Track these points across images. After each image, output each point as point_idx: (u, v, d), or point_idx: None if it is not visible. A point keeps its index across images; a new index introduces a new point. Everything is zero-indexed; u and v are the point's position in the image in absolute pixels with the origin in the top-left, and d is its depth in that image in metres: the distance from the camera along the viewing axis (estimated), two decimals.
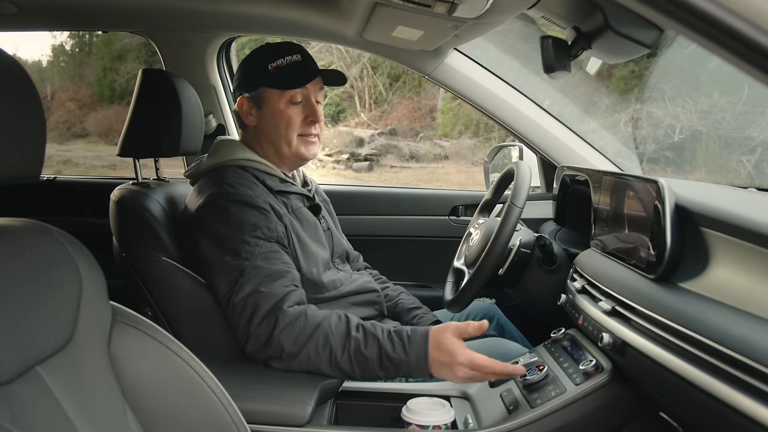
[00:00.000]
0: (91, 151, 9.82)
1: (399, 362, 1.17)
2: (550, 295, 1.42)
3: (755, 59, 0.50)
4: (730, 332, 0.75)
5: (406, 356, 1.16)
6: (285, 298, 1.22)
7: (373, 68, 10.38)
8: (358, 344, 1.17)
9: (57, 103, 10.78)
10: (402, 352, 1.17)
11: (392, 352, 1.17)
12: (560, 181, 1.77)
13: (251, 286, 1.22)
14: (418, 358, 1.16)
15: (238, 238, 1.27)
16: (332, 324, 1.20)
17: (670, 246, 0.96)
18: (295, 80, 1.40)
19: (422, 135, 10.12)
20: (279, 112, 1.41)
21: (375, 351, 1.17)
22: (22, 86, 0.67)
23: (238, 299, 1.23)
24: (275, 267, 1.26)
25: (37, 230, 0.73)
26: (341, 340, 1.18)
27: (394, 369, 1.17)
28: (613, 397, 1.12)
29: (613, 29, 1.19)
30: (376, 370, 1.18)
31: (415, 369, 1.17)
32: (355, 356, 1.17)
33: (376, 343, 1.18)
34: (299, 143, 1.44)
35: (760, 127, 3.41)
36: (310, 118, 1.43)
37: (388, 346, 1.17)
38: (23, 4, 1.78)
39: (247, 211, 1.30)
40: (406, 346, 1.17)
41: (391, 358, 1.17)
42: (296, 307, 1.22)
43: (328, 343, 1.18)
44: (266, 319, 1.20)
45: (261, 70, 1.41)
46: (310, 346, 1.18)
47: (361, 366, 1.18)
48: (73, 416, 0.67)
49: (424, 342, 1.17)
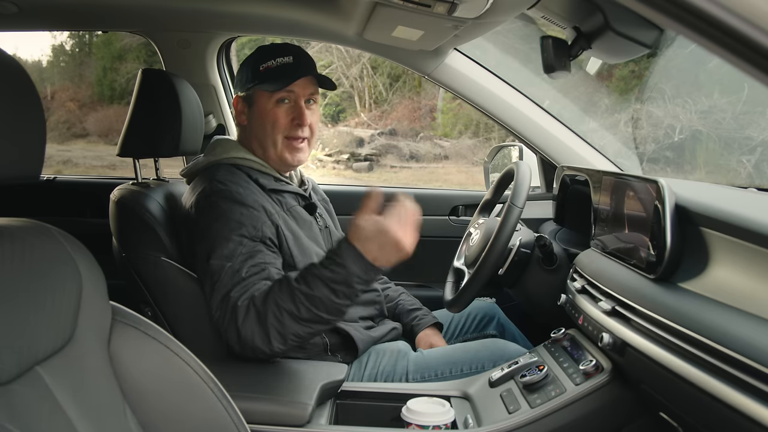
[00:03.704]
0: (91, 151, 9.83)
1: (344, 278, 1.15)
2: (550, 295, 1.42)
3: (755, 59, 0.50)
4: (730, 332, 0.75)
5: (345, 268, 1.15)
6: (242, 296, 1.22)
7: (373, 68, 10.39)
8: (305, 291, 1.17)
9: (57, 103, 10.79)
10: (339, 268, 1.16)
11: (333, 275, 1.16)
12: (560, 181, 1.77)
13: (225, 290, 1.23)
14: (354, 259, 1.15)
15: (223, 235, 1.27)
16: (275, 290, 1.20)
17: (670, 246, 0.96)
18: (280, 81, 1.40)
19: (422, 135, 10.12)
20: (266, 112, 1.42)
21: (320, 285, 1.16)
22: (22, 86, 0.67)
23: (215, 306, 1.24)
24: (253, 269, 1.25)
25: (37, 230, 0.73)
26: (290, 298, 1.18)
27: (347, 287, 1.16)
28: (613, 397, 1.12)
29: (613, 29, 1.19)
30: (336, 300, 1.16)
31: (362, 271, 1.15)
32: (309, 302, 1.17)
33: (316, 278, 1.17)
34: (284, 147, 1.44)
35: (760, 127, 3.41)
36: (296, 120, 1.43)
37: (327, 273, 1.16)
38: (23, 4, 1.78)
39: (236, 208, 1.30)
40: (338, 260, 1.16)
41: (335, 280, 1.16)
42: (247, 298, 1.22)
43: (281, 307, 1.18)
44: (231, 320, 1.21)
45: (253, 70, 1.43)
46: (271, 321, 1.18)
47: (321, 306, 1.16)
48: (73, 416, 0.67)
49: (347, 243, 1.16)
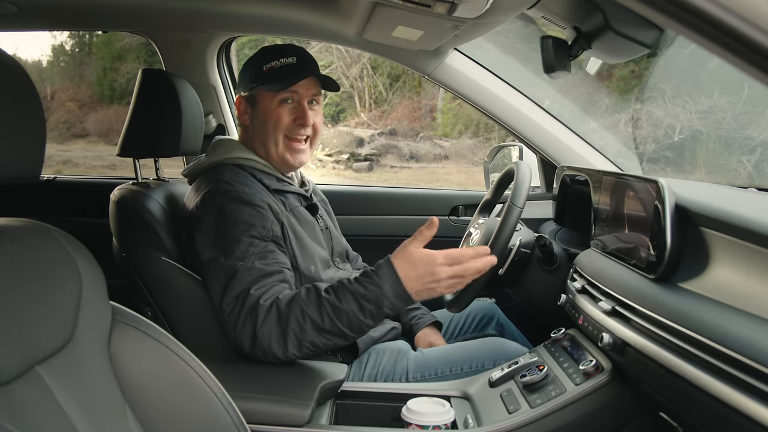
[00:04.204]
0: (91, 151, 9.83)
1: (376, 298, 1.14)
2: (550, 295, 1.42)
3: (755, 59, 0.50)
4: (730, 332, 0.75)
5: (380, 288, 1.14)
6: (264, 294, 1.21)
7: (373, 68, 10.39)
8: (333, 302, 1.16)
9: (57, 103, 10.78)
10: (374, 287, 1.14)
11: (365, 291, 1.14)
12: (560, 181, 1.77)
13: (241, 287, 1.22)
14: (391, 284, 1.14)
15: (233, 237, 1.26)
16: (302, 296, 1.19)
17: (670, 246, 0.96)
18: (283, 81, 1.41)
19: (422, 135, 10.12)
20: (269, 112, 1.43)
21: (350, 299, 1.15)
22: (22, 86, 0.67)
23: (227, 302, 1.22)
24: (268, 268, 1.25)
25: (37, 230, 0.73)
26: (316, 306, 1.16)
27: (376, 308, 1.14)
28: (613, 397, 1.12)
29: (613, 29, 1.19)
30: (361, 317, 1.15)
31: (395, 297, 1.14)
32: (335, 314, 1.15)
33: (348, 292, 1.16)
34: (285, 148, 1.44)
35: (760, 127, 3.41)
36: (298, 120, 1.43)
37: (360, 289, 1.15)
38: (23, 4, 1.78)
39: (243, 208, 1.30)
40: (375, 279, 1.15)
41: (367, 297, 1.14)
42: (269, 298, 1.21)
43: (305, 314, 1.16)
44: (248, 318, 1.20)
45: (257, 70, 1.43)
46: (292, 326, 1.17)
47: (345, 320, 1.15)
48: (73, 416, 0.67)
49: (390, 266, 1.15)
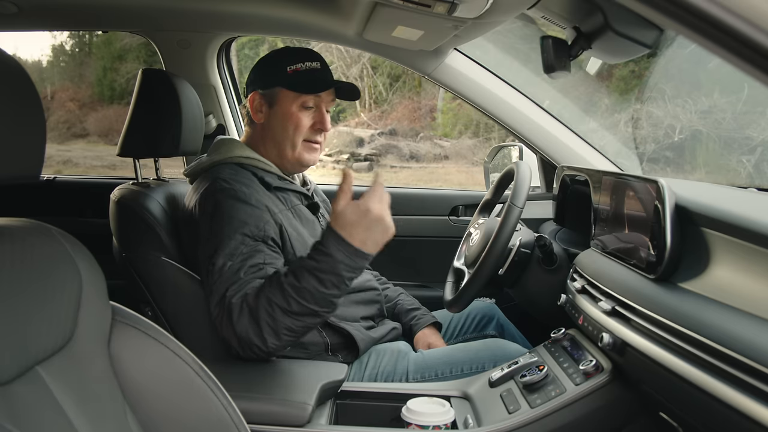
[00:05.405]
0: (91, 151, 9.82)
1: (331, 265, 1.15)
2: (550, 295, 1.42)
3: (755, 59, 0.50)
4: (730, 332, 0.75)
5: (330, 256, 1.15)
6: (237, 293, 1.21)
7: (373, 68, 10.38)
8: (293, 283, 1.16)
9: (57, 103, 10.78)
10: (324, 256, 1.15)
11: (318, 264, 1.16)
12: (560, 181, 1.77)
13: (222, 290, 1.22)
14: (339, 246, 1.15)
15: (225, 233, 1.27)
16: (266, 286, 1.20)
17: (670, 246, 0.96)
18: (311, 86, 1.42)
19: (422, 135, 10.12)
20: (290, 114, 1.43)
21: (307, 276, 1.16)
22: (22, 86, 0.67)
23: (213, 305, 1.23)
24: (251, 268, 1.24)
25: (37, 230, 0.73)
26: (279, 291, 1.17)
27: (335, 276, 1.16)
28: (613, 397, 1.12)
29: (613, 29, 1.19)
30: (324, 290, 1.16)
31: (347, 257, 1.15)
32: (298, 295, 1.16)
33: (303, 270, 1.17)
34: (303, 148, 1.45)
35: (760, 127, 3.41)
36: (318, 126, 1.45)
37: (312, 263, 1.16)
38: (23, 4, 1.78)
39: (239, 206, 1.30)
40: (323, 249, 1.16)
41: (321, 269, 1.15)
42: (241, 296, 1.21)
43: (272, 302, 1.17)
44: (226, 318, 1.21)
45: (279, 70, 1.43)
46: (263, 317, 1.17)
47: (310, 298, 1.16)
48: (73, 416, 0.67)
49: (331, 230, 1.16)
